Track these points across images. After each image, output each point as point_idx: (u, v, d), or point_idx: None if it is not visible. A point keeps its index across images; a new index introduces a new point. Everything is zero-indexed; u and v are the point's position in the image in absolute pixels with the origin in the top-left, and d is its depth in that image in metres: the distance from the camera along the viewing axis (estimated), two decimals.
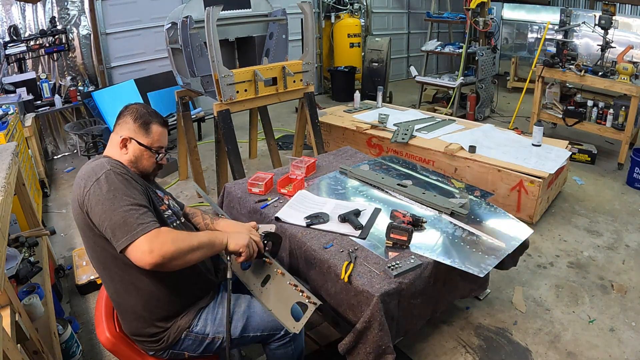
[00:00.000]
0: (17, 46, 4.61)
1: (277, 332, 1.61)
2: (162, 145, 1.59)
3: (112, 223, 1.29)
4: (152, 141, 1.55)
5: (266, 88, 3.34)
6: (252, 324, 1.58)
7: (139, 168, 1.54)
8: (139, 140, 1.53)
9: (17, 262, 2.15)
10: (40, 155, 4.22)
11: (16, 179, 2.29)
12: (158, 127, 1.57)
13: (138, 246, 1.27)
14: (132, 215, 1.30)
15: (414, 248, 1.87)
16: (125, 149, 1.52)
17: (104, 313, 1.58)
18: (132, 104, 1.60)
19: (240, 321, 1.57)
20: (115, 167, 1.39)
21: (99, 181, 1.34)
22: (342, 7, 7.43)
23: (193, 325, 1.53)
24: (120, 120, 1.55)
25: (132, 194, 1.36)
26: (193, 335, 1.53)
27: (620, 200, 3.75)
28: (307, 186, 2.44)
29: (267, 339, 1.62)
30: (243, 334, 1.57)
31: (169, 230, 1.36)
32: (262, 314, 1.60)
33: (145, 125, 1.54)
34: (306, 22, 3.51)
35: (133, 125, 1.53)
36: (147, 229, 1.29)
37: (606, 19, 4.50)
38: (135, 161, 1.53)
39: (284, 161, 4.33)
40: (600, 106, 4.47)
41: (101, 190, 1.32)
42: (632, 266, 2.85)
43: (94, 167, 1.40)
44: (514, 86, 7.55)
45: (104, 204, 1.31)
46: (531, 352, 2.18)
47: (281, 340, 1.62)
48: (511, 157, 3.43)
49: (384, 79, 6.74)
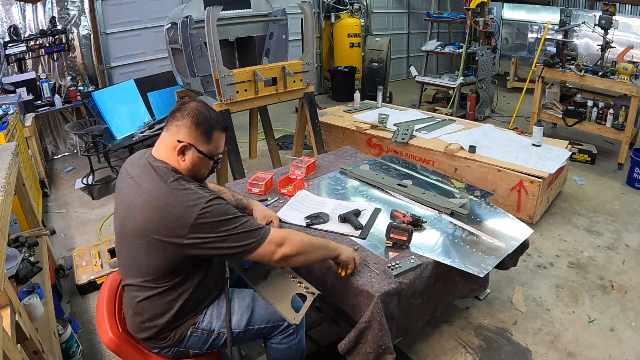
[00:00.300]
0: (17, 46, 4.61)
1: (280, 324, 1.62)
2: (220, 152, 1.53)
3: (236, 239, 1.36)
4: (213, 149, 1.47)
5: (266, 88, 3.34)
6: (257, 316, 1.59)
7: (196, 176, 1.47)
8: (200, 148, 1.43)
9: (17, 262, 2.15)
10: (40, 155, 4.22)
11: (16, 179, 2.29)
12: (220, 134, 1.48)
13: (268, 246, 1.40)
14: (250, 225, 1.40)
15: (414, 248, 1.87)
16: (182, 156, 1.42)
17: (105, 313, 1.56)
18: (191, 102, 1.46)
19: (245, 314, 1.58)
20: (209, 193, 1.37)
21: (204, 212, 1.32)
22: (342, 7, 7.43)
23: (199, 321, 1.54)
24: (178, 122, 1.42)
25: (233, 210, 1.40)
26: (199, 331, 1.53)
27: (620, 200, 3.75)
28: (307, 186, 2.44)
29: (271, 331, 1.62)
30: (248, 326, 1.58)
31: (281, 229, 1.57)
32: (265, 306, 1.61)
33: (207, 133, 1.43)
34: (306, 22, 3.51)
35: (195, 132, 1.41)
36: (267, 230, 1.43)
37: (606, 19, 4.50)
38: (193, 169, 1.44)
39: (284, 161, 4.33)
40: (600, 106, 4.47)
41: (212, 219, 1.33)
42: (632, 266, 2.85)
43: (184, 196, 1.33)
44: (514, 86, 7.55)
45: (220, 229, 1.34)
46: (531, 352, 2.18)
47: (284, 333, 1.63)
48: (511, 157, 3.43)
49: (384, 79, 6.73)
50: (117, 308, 1.61)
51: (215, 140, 1.46)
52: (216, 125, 1.46)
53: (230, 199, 1.87)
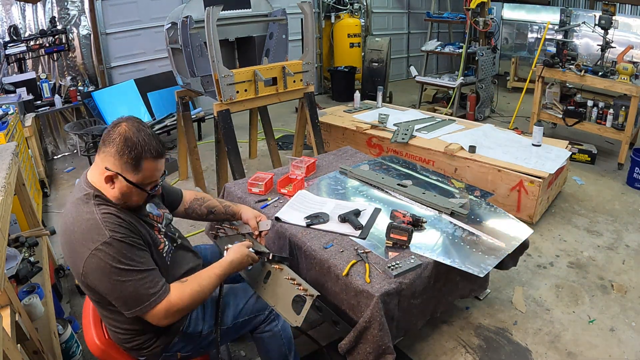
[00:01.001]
0: (17, 46, 4.61)
1: (262, 313, 1.65)
2: (155, 180, 1.37)
3: (122, 295, 1.26)
4: (143, 178, 1.32)
5: (266, 88, 3.34)
6: (242, 309, 1.62)
7: (128, 204, 1.35)
8: (127, 177, 1.29)
9: (17, 262, 2.15)
10: (40, 155, 4.22)
11: (16, 179, 2.28)
12: (150, 163, 1.31)
13: (154, 316, 1.30)
14: (143, 285, 1.27)
15: (414, 248, 1.87)
16: (112, 183, 1.31)
17: (92, 320, 1.55)
18: (122, 122, 1.30)
19: (230, 309, 1.61)
20: (114, 231, 1.25)
21: (99, 251, 1.22)
22: (342, 7, 7.43)
23: (184, 326, 1.53)
24: (105, 147, 1.29)
25: (138, 257, 1.28)
26: (187, 336, 1.53)
27: (620, 200, 3.75)
28: (307, 186, 2.44)
29: (255, 323, 1.64)
30: (235, 320, 1.60)
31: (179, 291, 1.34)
32: (246, 299, 1.65)
33: (134, 161, 1.28)
34: (306, 22, 3.51)
35: (120, 160, 1.27)
36: (160, 299, 1.30)
37: (606, 19, 4.50)
38: (123, 198, 1.33)
39: (284, 161, 4.33)
40: (600, 106, 4.47)
41: (104, 262, 1.22)
42: (632, 266, 2.85)
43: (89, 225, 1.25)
44: (514, 86, 7.55)
45: (110, 277, 1.23)
46: (531, 352, 2.18)
47: (267, 321, 1.66)
48: (511, 157, 3.43)
49: (384, 79, 6.73)
50: None
51: (144, 170, 1.30)
52: (146, 152, 1.29)
53: (218, 205, 1.83)
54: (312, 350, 2.17)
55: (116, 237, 1.25)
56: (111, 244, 1.24)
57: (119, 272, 1.24)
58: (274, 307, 1.59)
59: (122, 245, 1.26)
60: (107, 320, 1.46)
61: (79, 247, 1.25)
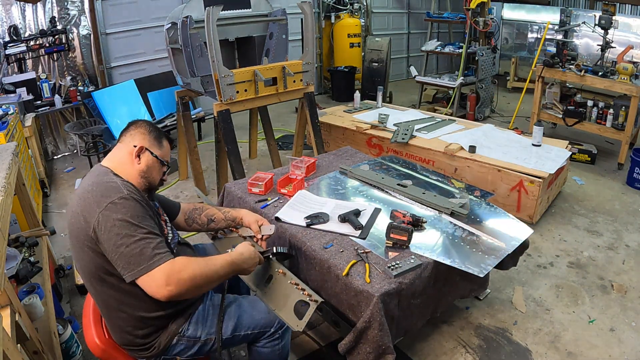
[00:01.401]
0: (17, 46, 4.61)
1: (267, 330, 1.62)
2: (168, 160, 1.62)
3: (127, 251, 1.25)
4: (164, 154, 1.58)
5: (266, 88, 3.34)
6: (243, 322, 1.59)
7: (149, 180, 1.52)
8: (153, 151, 1.53)
9: (17, 262, 2.15)
10: (40, 155, 4.22)
11: (16, 179, 2.29)
12: (167, 143, 1.62)
13: (154, 278, 1.25)
14: (149, 244, 1.27)
15: (414, 248, 1.87)
16: (138, 158, 1.50)
17: (92, 319, 1.54)
18: (139, 120, 1.61)
19: (231, 321, 1.58)
20: (132, 192, 1.36)
21: (115, 204, 1.29)
22: (342, 7, 7.43)
23: (184, 329, 1.52)
24: (131, 132, 1.55)
25: (148, 222, 1.34)
26: (185, 339, 1.52)
27: (620, 200, 3.75)
28: (307, 186, 2.44)
29: (257, 337, 1.62)
30: (234, 333, 1.57)
31: (186, 260, 1.32)
32: (251, 313, 1.61)
33: (158, 138, 1.57)
34: (306, 22, 3.51)
35: (148, 137, 1.54)
36: (164, 259, 1.27)
37: (606, 19, 4.50)
38: (147, 171, 1.51)
39: (284, 161, 4.33)
40: (600, 106, 4.47)
41: (117, 214, 1.28)
42: (632, 266, 2.85)
43: (108, 185, 1.36)
44: (514, 86, 7.55)
45: (120, 229, 1.26)
46: (531, 352, 2.18)
47: (270, 338, 1.63)
48: (511, 157, 3.43)
49: (384, 79, 6.73)
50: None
51: (165, 146, 1.59)
52: (163, 134, 1.62)
53: (217, 212, 1.85)
54: (312, 350, 2.17)
55: (134, 197, 1.35)
56: (128, 199, 1.33)
57: (129, 226, 1.27)
58: (274, 310, 1.58)
59: (137, 205, 1.34)
60: (108, 317, 1.46)
61: (95, 202, 1.31)
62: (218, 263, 1.40)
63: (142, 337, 1.46)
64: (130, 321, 1.43)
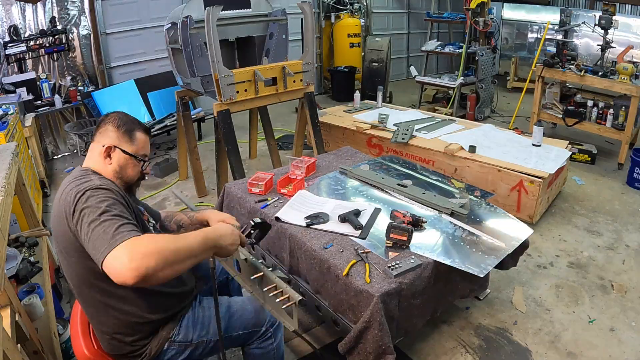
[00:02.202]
0: (17, 46, 4.61)
1: (258, 330, 1.61)
2: (146, 154, 1.53)
3: (94, 234, 1.17)
4: (137, 149, 1.49)
5: (266, 88, 3.34)
6: (233, 324, 1.58)
7: (124, 178, 1.47)
8: (124, 148, 1.46)
9: (17, 262, 2.15)
10: (40, 155, 4.22)
11: (16, 179, 2.29)
12: (142, 135, 1.51)
13: (116, 256, 1.09)
14: (114, 224, 1.17)
15: (414, 248, 1.87)
16: (109, 158, 1.44)
17: (80, 329, 1.50)
18: (111, 112, 1.53)
19: (222, 322, 1.52)
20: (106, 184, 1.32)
21: (86, 194, 1.25)
22: (342, 7, 7.43)
23: (175, 334, 1.49)
24: (100, 129, 1.48)
25: (119, 207, 1.26)
26: (176, 344, 1.49)
27: (620, 200, 3.75)
28: (307, 186, 2.44)
29: (248, 338, 1.61)
30: (226, 334, 1.55)
31: (150, 236, 1.21)
32: (241, 314, 1.60)
33: (129, 133, 1.48)
34: (306, 22, 3.51)
35: (116, 133, 1.46)
36: (125, 237, 1.13)
37: (606, 19, 4.50)
38: (120, 171, 1.45)
39: (284, 161, 4.33)
40: (600, 106, 4.47)
41: (86, 203, 1.23)
42: (632, 266, 2.85)
43: (81, 180, 1.33)
44: (514, 86, 7.55)
45: (89, 215, 1.20)
46: (531, 352, 2.18)
47: (262, 338, 1.62)
48: (511, 157, 3.43)
49: (384, 79, 6.74)
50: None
51: (138, 140, 1.49)
52: (137, 126, 1.51)
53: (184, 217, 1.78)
54: (306, 353, 2.16)
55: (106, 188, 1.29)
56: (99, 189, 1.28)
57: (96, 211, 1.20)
58: (271, 310, 1.56)
59: (109, 193, 1.28)
60: (98, 324, 1.43)
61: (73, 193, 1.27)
62: (190, 237, 1.25)
63: (131, 343, 1.44)
64: (120, 327, 1.41)
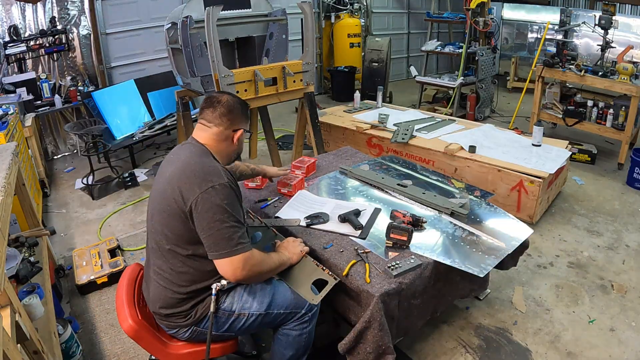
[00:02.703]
0: (17, 46, 4.61)
1: (298, 311, 1.68)
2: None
3: (217, 233, 1.43)
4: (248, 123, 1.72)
5: (266, 88, 3.34)
6: (277, 301, 1.66)
7: (239, 152, 1.71)
8: (245, 127, 1.68)
9: (17, 262, 2.15)
10: (40, 155, 4.22)
11: (16, 179, 2.28)
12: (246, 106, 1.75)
13: (234, 262, 1.45)
14: (236, 232, 1.45)
15: (414, 248, 1.87)
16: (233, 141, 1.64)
17: (125, 300, 1.62)
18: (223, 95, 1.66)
19: (266, 298, 1.65)
20: (230, 180, 1.51)
21: (216, 190, 1.44)
22: (342, 7, 7.43)
23: (221, 301, 1.59)
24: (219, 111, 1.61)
25: (239, 211, 1.50)
26: (220, 311, 1.59)
27: (620, 200, 3.75)
28: (307, 186, 2.44)
29: (287, 318, 1.68)
30: (268, 310, 1.64)
31: (258, 254, 1.55)
32: (285, 293, 1.69)
33: (244, 110, 1.68)
34: (306, 22, 3.51)
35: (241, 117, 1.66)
36: (246, 249, 1.47)
37: (606, 19, 4.50)
38: (239, 148, 1.68)
39: (284, 161, 4.33)
40: (600, 106, 4.47)
41: (216, 199, 1.43)
42: (632, 266, 2.85)
43: (210, 169, 1.50)
44: (514, 86, 7.55)
45: (215, 213, 1.43)
46: (531, 352, 2.18)
47: (300, 320, 1.69)
48: (511, 157, 3.43)
49: (384, 79, 6.73)
50: (136, 296, 1.66)
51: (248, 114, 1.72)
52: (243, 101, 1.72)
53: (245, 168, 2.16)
54: (312, 350, 2.16)
55: (232, 185, 1.50)
56: (227, 187, 1.47)
57: (223, 212, 1.44)
58: (291, 287, 1.68)
59: (232, 193, 1.50)
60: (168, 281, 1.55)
61: (197, 182, 1.45)
62: (275, 261, 1.64)
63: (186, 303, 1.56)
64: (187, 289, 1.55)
